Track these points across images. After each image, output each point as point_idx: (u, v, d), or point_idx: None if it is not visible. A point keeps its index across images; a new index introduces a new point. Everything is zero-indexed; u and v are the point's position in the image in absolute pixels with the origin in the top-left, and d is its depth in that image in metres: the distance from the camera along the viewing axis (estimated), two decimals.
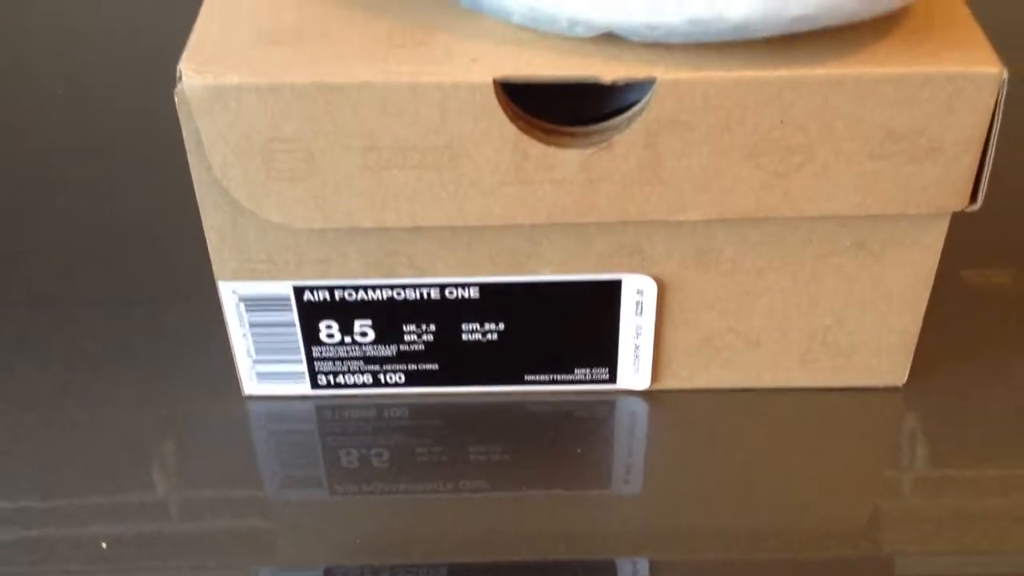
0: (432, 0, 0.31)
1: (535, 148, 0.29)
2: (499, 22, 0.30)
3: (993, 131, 0.29)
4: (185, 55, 0.29)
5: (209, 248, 0.33)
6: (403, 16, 0.31)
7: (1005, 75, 0.28)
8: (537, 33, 0.30)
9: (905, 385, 0.36)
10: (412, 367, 0.35)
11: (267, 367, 0.35)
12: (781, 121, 0.29)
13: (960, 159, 0.30)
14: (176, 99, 0.29)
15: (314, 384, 0.36)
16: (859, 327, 0.34)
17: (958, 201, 0.31)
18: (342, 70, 0.29)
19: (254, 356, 0.35)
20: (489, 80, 0.28)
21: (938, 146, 0.29)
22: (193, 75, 0.29)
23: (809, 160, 0.30)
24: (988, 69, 0.28)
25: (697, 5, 0.27)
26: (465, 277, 0.33)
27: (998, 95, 0.29)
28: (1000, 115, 0.29)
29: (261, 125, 0.29)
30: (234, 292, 0.33)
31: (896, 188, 0.30)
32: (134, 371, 0.37)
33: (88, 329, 0.39)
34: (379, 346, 0.35)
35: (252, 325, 0.34)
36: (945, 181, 0.30)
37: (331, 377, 0.36)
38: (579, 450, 0.34)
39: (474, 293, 0.34)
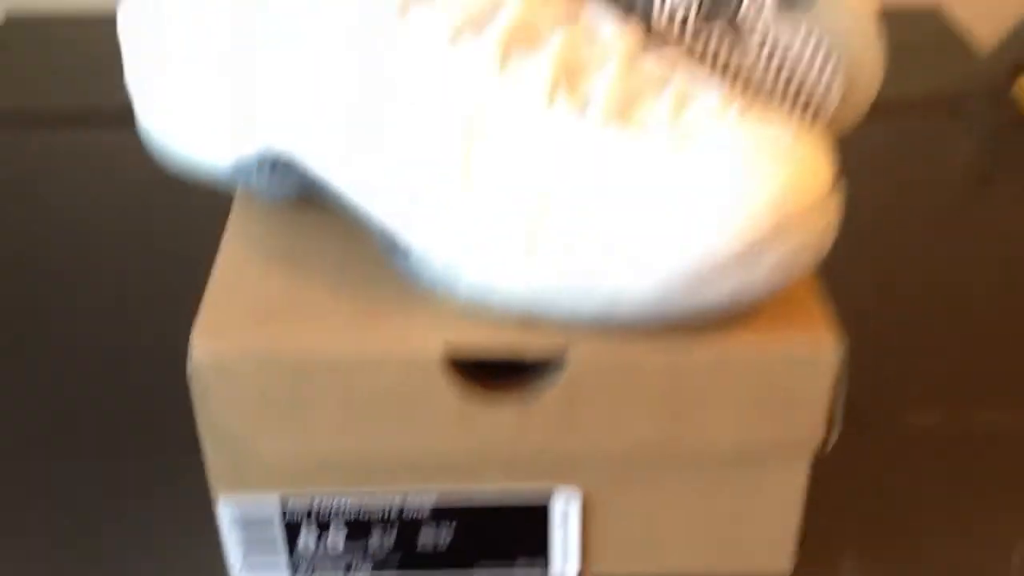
0: (396, 282, 0.38)
1: (474, 406, 0.37)
2: (449, 300, 0.38)
3: (839, 391, 0.37)
4: (195, 331, 0.37)
5: (206, 464, 0.39)
6: (373, 294, 0.38)
7: (842, 351, 0.36)
8: (479, 310, 0.37)
9: (793, 571, 0.43)
10: (379, 560, 0.42)
11: (254, 562, 0.42)
12: (670, 383, 0.37)
13: (810, 415, 0.37)
14: (188, 364, 0.36)
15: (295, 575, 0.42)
16: (748, 527, 0.42)
17: (814, 443, 0.38)
18: (320, 345, 0.36)
19: (243, 553, 0.42)
20: (436, 354, 0.36)
21: (791, 406, 0.37)
22: (202, 349, 0.36)
23: (693, 411, 0.37)
24: (826, 352, 0.36)
25: (600, 303, 0.34)
26: (422, 487, 0.40)
27: (839, 367, 0.36)
28: (845, 379, 0.37)
29: (255, 386, 0.36)
30: (226, 500, 0.40)
31: (761, 434, 0.38)
32: (132, 558, 0.43)
33: (91, 515, 0.45)
34: (350, 543, 0.42)
35: (243, 528, 0.41)
36: (801, 430, 0.38)
37: (310, 570, 0.42)
38: None
39: (430, 501, 0.41)
